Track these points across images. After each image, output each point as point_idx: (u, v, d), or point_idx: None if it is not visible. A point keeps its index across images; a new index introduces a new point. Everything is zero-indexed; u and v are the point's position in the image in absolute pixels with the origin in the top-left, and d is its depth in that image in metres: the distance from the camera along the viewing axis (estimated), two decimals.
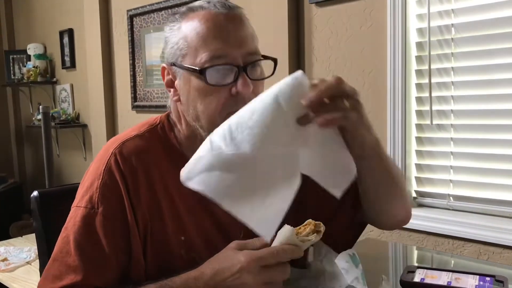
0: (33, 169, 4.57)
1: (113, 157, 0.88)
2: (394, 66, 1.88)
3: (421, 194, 1.92)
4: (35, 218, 1.10)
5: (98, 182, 0.86)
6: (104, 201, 0.85)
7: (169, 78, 0.91)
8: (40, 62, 4.04)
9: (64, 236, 0.87)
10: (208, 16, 0.85)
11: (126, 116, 3.31)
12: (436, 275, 0.98)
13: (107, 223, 0.85)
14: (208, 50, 0.83)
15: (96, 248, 0.84)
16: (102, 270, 0.84)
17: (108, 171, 0.87)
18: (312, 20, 2.16)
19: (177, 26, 0.88)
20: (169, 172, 0.90)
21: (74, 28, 3.79)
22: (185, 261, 0.89)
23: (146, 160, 0.89)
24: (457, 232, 1.75)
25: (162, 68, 0.92)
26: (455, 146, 1.81)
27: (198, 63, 0.84)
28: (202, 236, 0.92)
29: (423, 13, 1.83)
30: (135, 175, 0.87)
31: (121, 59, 3.32)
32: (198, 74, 0.84)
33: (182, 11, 0.88)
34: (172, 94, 0.91)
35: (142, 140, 0.92)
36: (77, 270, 0.83)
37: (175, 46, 0.87)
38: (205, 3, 0.87)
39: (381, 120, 1.95)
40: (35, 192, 1.11)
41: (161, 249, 0.89)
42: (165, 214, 0.89)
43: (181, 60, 0.87)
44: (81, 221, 0.85)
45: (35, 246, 1.16)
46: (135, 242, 0.86)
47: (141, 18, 3.10)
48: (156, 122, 0.96)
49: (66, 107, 3.96)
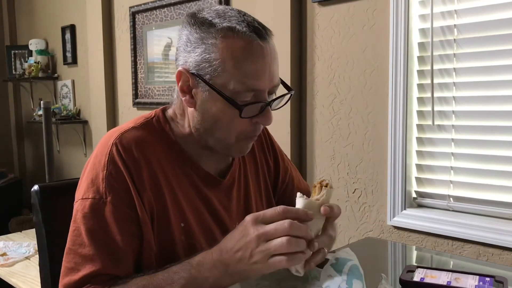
0: (33, 165, 4.57)
1: (114, 147, 0.89)
2: (396, 66, 1.88)
3: (421, 195, 1.92)
4: (35, 212, 1.10)
5: (103, 173, 0.88)
6: (112, 191, 0.87)
7: (187, 85, 0.90)
8: (41, 58, 4.04)
9: (74, 229, 0.88)
10: (250, 49, 0.86)
11: (127, 112, 3.31)
12: (436, 275, 0.98)
13: (117, 210, 0.86)
14: (248, 88, 0.86)
15: (110, 236, 0.85)
16: (118, 258, 0.86)
17: (111, 161, 0.88)
18: (315, 18, 2.16)
19: (212, 42, 0.86)
20: (167, 162, 0.93)
21: (76, 24, 3.79)
22: (185, 247, 0.92)
23: (146, 149, 0.91)
24: (456, 233, 1.75)
25: (179, 73, 0.90)
26: (456, 147, 1.81)
27: (234, 93, 0.86)
28: (200, 224, 0.95)
29: (426, 13, 1.83)
30: (137, 164, 0.89)
31: (122, 55, 3.32)
32: (230, 103, 0.86)
33: (221, 27, 0.86)
34: (187, 100, 0.91)
35: (139, 131, 0.94)
36: (94, 259, 0.84)
37: (206, 61, 0.86)
38: (244, 25, 0.86)
39: (382, 120, 1.95)
40: (35, 186, 1.11)
41: (164, 235, 0.91)
42: (167, 200, 0.91)
43: (210, 78, 0.87)
44: (90, 212, 0.86)
45: (34, 241, 1.16)
46: (146, 227, 0.88)
47: (143, 15, 3.10)
48: (151, 116, 0.99)
49: (67, 103, 3.96)
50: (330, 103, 2.13)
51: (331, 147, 2.15)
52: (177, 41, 0.94)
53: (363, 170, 2.04)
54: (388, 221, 1.95)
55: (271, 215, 0.78)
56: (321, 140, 2.18)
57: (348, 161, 2.09)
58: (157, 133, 0.95)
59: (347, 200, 2.10)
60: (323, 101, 2.16)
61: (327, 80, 2.14)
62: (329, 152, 2.15)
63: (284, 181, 1.17)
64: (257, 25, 0.88)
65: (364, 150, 2.03)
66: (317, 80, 2.17)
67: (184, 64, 0.89)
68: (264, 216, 0.79)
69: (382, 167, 1.97)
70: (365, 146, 2.03)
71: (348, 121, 2.07)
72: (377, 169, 1.99)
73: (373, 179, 2.01)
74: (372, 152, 2.00)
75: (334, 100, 2.11)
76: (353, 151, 2.07)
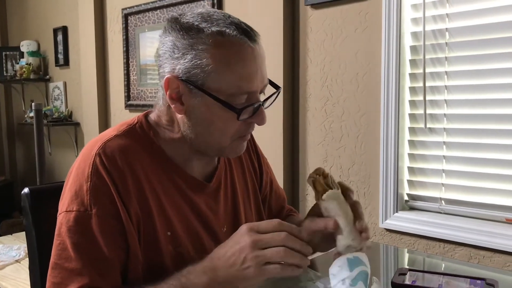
0: (25, 167, 4.54)
1: (98, 157, 0.87)
2: (388, 69, 1.89)
3: (413, 197, 1.93)
4: (26, 215, 1.09)
5: (87, 185, 0.85)
6: (97, 202, 0.84)
7: (176, 92, 0.88)
8: (33, 59, 4.02)
9: (59, 242, 0.86)
10: (242, 52, 0.85)
11: (119, 114, 3.30)
12: (427, 278, 0.99)
13: (103, 222, 0.84)
14: (243, 91, 0.86)
15: (96, 249, 0.83)
16: (105, 271, 0.84)
17: (95, 172, 0.85)
18: (307, 21, 2.16)
19: (203, 48, 0.84)
20: (151, 169, 0.91)
21: (68, 26, 3.77)
22: (173, 256, 0.90)
23: (130, 157, 0.89)
24: (448, 235, 1.76)
25: (168, 80, 0.87)
26: (448, 150, 1.82)
27: (228, 97, 0.85)
28: (187, 231, 0.94)
29: (418, 17, 1.84)
30: (122, 173, 0.87)
31: (115, 57, 3.31)
32: (227, 107, 0.85)
33: (210, 32, 0.85)
34: (177, 107, 0.89)
35: (122, 139, 0.91)
36: (81, 273, 0.82)
37: (198, 67, 0.85)
38: (232, 29, 0.85)
39: (374, 123, 1.96)
40: (26, 189, 1.10)
41: (151, 246, 0.89)
42: (153, 210, 0.89)
43: (202, 83, 0.85)
44: (75, 225, 0.84)
45: (24, 244, 1.15)
46: (132, 238, 0.86)
47: (135, 17, 3.09)
48: (134, 122, 0.96)
49: (59, 105, 3.94)
50: (322, 106, 2.13)
51: (323, 149, 2.15)
52: (159, 46, 0.91)
53: (355, 173, 2.04)
54: (380, 224, 1.95)
55: (266, 226, 0.80)
56: (314, 143, 2.18)
57: (341, 163, 2.09)
58: (140, 140, 0.93)
59: None
60: (316, 104, 2.16)
61: (319, 83, 2.14)
62: (322, 154, 2.16)
63: (266, 184, 1.17)
64: (245, 27, 0.88)
65: (356, 153, 2.04)
66: (310, 83, 2.18)
67: (172, 72, 0.87)
68: (259, 226, 0.80)
69: (374, 169, 1.97)
70: (357, 149, 2.03)
71: (340, 124, 2.08)
72: (369, 172, 2.00)
73: (365, 181, 2.01)
74: (364, 155, 2.01)
75: (327, 103, 2.12)
76: (345, 154, 2.07)
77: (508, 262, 1.65)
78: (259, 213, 1.12)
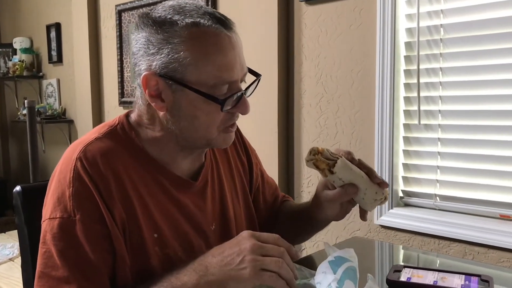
0: (18, 165, 4.52)
1: (79, 162, 0.85)
2: (383, 66, 1.88)
3: (408, 194, 1.93)
4: (18, 213, 1.08)
5: (69, 191, 0.83)
6: (80, 208, 0.82)
7: (155, 89, 0.86)
8: (26, 56, 3.99)
9: (45, 251, 0.84)
10: (220, 41, 0.84)
11: (113, 112, 3.28)
12: (423, 275, 0.98)
13: (88, 228, 0.82)
14: (224, 81, 0.85)
15: (82, 255, 0.82)
16: (93, 276, 0.82)
17: (77, 177, 0.84)
18: (302, 18, 2.16)
19: (178, 40, 0.83)
20: (135, 171, 0.89)
21: (61, 22, 3.75)
22: (160, 258, 0.89)
23: (112, 160, 0.87)
24: (443, 232, 1.76)
25: (146, 78, 0.85)
26: (442, 146, 1.82)
27: (210, 88, 0.84)
28: (174, 231, 0.92)
29: (413, 13, 1.84)
30: (104, 177, 0.85)
31: (108, 54, 3.29)
32: (210, 99, 0.84)
33: (184, 24, 0.83)
34: (157, 105, 0.87)
35: (104, 142, 0.89)
36: (69, 281, 0.81)
37: (176, 61, 0.83)
38: (207, 18, 0.84)
39: (369, 119, 1.96)
40: (17, 187, 1.09)
41: (137, 249, 0.87)
42: (138, 212, 0.87)
43: (181, 77, 0.84)
44: (59, 232, 0.82)
45: (18, 242, 1.14)
46: (118, 242, 0.85)
47: (129, 13, 3.07)
48: (115, 123, 0.94)
49: (52, 102, 3.92)
50: (317, 102, 2.13)
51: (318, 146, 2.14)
52: (132, 44, 0.89)
53: None
54: (375, 220, 1.95)
55: (267, 237, 0.81)
56: (309, 140, 2.18)
57: None
58: (122, 142, 0.91)
59: None
60: (311, 100, 2.15)
61: (314, 80, 2.13)
62: None
63: (257, 176, 1.16)
64: (220, 16, 0.86)
65: (351, 149, 2.03)
66: (305, 80, 2.17)
67: (148, 69, 0.85)
68: (261, 235, 0.81)
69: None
70: (352, 145, 2.03)
71: (335, 121, 2.07)
72: None
73: None
74: (359, 151, 2.01)
75: (321, 100, 2.11)
76: None
77: (502, 258, 1.65)
78: (248, 208, 1.11)
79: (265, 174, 1.21)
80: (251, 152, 1.16)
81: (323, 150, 0.89)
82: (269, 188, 1.21)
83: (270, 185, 1.21)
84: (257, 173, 1.16)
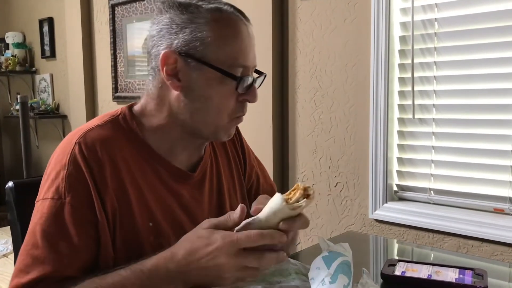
0: (11, 161, 4.49)
1: (77, 146, 0.86)
2: (377, 60, 1.88)
3: (402, 188, 1.93)
4: (10, 209, 1.07)
5: (64, 173, 0.85)
6: (71, 191, 0.84)
7: (173, 67, 0.88)
8: (19, 51, 3.96)
9: (31, 229, 0.85)
10: (239, 28, 0.89)
11: (107, 107, 3.27)
12: (417, 268, 0.99)
13: (75, 211, 0.83)
14: (239, 64, 0.89)
15: (65, 238, 0.83)
16: (72, 260, 0.83)
17: (73, 161, 0.85)
18: (296, 12, 2.15)
19: (202, 21, 0.87)
20: (133, 160, 0.91)
21: (54, 17, 3.72)
22: (154, 247, 0.89)
23: (111, 148, 0.88)
24: (437, 225, 1.77)
25: (165, 56, 0.88)
26: (436, 140, 1.82)
27: (227, 68, 0.87)
28: (170, 221, 0.93)
29: (407, 7, 1.83)
30: (100, 164, 0.86)
31: (102, 49, 3.27)
32: (227, 76, 0.87)
33: (209, 7, 0.88)
34: (173, 84, 0.89)
35: (105, 129, 0.91)
36: (44, 262, 0.81)
37: (198, 39, 0.87)
38: (228, 7, 0.90)
39: (363, 113, 1.96)
40: (10, 183, 1.08)
41: (130, 236, 0.88)
42: (133, 201, 0.88)
43: (201, 56, 0.87)
44: (48, 212, 0.84)
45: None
46: (103, 231, 0.85)
47: (123, 7, 3.05)
48: (117, 113, 0.96)
49: (45, 97, 3.89)
50: (312, 97, 2.13)
51: (313, 141, 2.14)
52: (152, 28, 0.92)
53: (344, 164, 2.04)
54: (370, 215, 1.95)
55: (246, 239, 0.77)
56: (303, 134, 2.18)
57: (330, 155, 2.09)
58: (123, 131, 0.93)
59: (329, 194, 2.10)
60: (305, 95, 2.15)
61: (308, 74, 2.13)
62: (311, 146, 2.15)
63: (250, 177, 1.17)
64: (238, 9, 0.92)
65: (345, 144, 2.04)
66: (299, 74, 2.16)
67: (168, 47, 0.88)
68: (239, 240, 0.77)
69: (364, 160, 1.97)
70: (347, 140, 2.03)
71: (329, 115, 2.07)
72: (359, 163, 2.00)
73: (355, 172, 2.01)
74: (354, 146, 2.01)
75: (316, 94, 2.11)
76: (334, 145, 2.07)
77: (496, 251, 1.66)
78: (244, 203, 1.11)
79: (261, 179, 1.20)
80: (247, 153, 1.17)
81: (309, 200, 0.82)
82: (264, 192, 1.20)
83: (265, 190, 1.21)
84: (251, 175, 1.17)
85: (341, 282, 0.79)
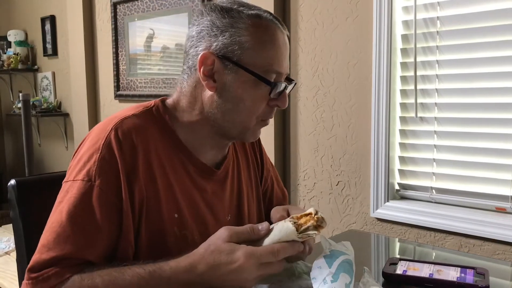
0: (13, 159, 4.50)
1: (113, 132, 0.89)
2: (379, 59, 1.88)
3: (404, 187, 1.93)
4: (12, 207, 1.07)
5: (96, 156, 0.87)
6: (102, 174, 0.86)
7: (210, 68, 0.91)
8: (21, 49, 3.96)
9: (57, 209, 0.87)
10: (276, 35, 0.92)
11: (109, 105, 3.27)
12: (418, 267, 0.99)
13: (103, 195, 0.85)
14: (274, 70, 0.92)
15: (90, 219, 0.84)
16: (93, 242, 0.85)
17: (107, 145, 0.87)
18: (298, 10, 2.15)
19: (242, 26, 0.90)
20: (164, 151, 0.94)
21: (56, 15, 3.72)
22: (178, 238, 0.93)
23: (145, 138, 0.92)
24: (439, 224, 1.77)
25: (204, 57, 0.90)
26: (439, 139, 1.82)
27: (262, 73, 0.90)
28: (194, 215, 0.96)
29: (409, 5, 1.83)
30: (134, 152, 0.89)
31: (104, 47, 3.27)
32: (262, 80, 0.90)
33: (249, 13, 0.91)
34: (209, 84, 0.92)
35: (140, 119, 0.94)
36: (67, 241, 0.83)
37: (237, 43, 0.90)
38: (267, 15, 0.93)
39: (365, 112, 1.96)
40: (12, 180, 1.08)
41: (155, 226, 0.91)
42: (161, 191, 0.91)
43: (238, 59, 0.90)
44: (77, 194, 0.85)
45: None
46: (127, 219, 0.87)
47: (124, 5, 3.05)
48: (150, 105, 0.99)
49: (47, 95, 3.89)
50: (313, 95, 2.12)
51: (314, 139, 2.14)
52: (191, 29, 0.95)
53: (346, 163, 2.04)
54: (371, 213, 1.95)
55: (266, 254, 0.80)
56: (305, 133, 2.18)
57: (332, 153, 2.09)
58: (156, 122, 0.95)
59: (330, 193, 2.10)
60: (307, 93, 2.15)
61: (310, 73, 2.13)
62: (313, 144, 2.15)
63: (266, 181, 1.20)
64: (277, 17, 0.95)
65: (347, 142, 2.03)
66: (301, 72, 2.16)
67: (207, 48, 0.91)
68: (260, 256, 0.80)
69: (365, 159, 1.97)
70: (349, 138, 2.03)
71: (331, 114, 2.07)
72: (360, 162, 2.00)
73: (356, 171, 2.01)
74: (356, 145, 2.00)
75: (318, 93, 2.11)
76: (336, 144, 2.07)
77: (498, 250, 1.66)
78: (259, 205, 1.16)
79: (275, 184, 1.23)
80: (265, 158, 1.20)
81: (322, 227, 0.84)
82: (276, 200, 1.23)
83: (277, 198, 1.24)
84: (266, 179, 1.20)
85: (342, 281, 0.79)
